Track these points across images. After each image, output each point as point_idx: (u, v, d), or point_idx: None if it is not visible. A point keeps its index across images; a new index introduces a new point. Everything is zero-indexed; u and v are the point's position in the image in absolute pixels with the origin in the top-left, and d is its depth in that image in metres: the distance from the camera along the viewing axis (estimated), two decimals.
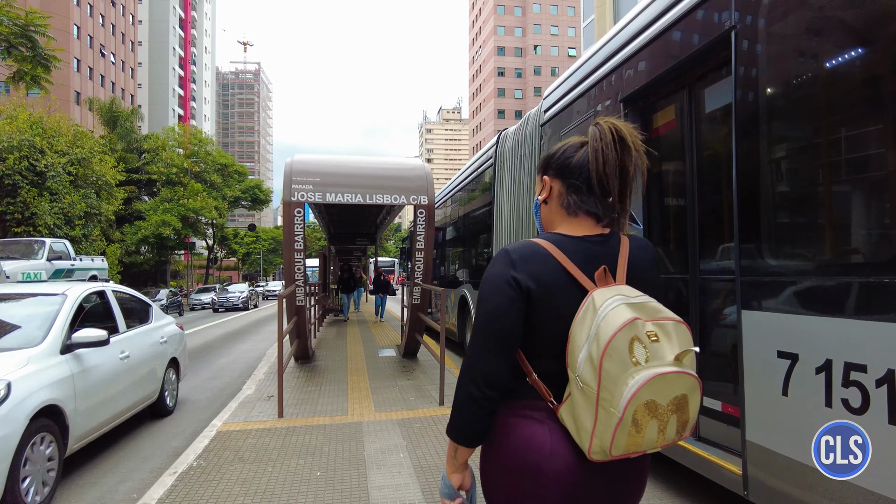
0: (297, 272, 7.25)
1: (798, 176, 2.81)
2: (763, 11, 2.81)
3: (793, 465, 2.56)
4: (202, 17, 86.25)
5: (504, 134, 7.38)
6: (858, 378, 2.25)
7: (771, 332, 2.69)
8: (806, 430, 2.45)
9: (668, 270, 3.99)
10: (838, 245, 2.57)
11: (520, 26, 78.18)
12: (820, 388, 2.40)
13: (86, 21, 45.34)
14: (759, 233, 2.82)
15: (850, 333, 2.30)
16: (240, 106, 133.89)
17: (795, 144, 2.82)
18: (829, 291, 2.46)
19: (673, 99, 3.87)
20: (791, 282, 2.66)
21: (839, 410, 2.31)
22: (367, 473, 4.03)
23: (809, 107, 2.69)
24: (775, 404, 2.66)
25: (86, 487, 4.21)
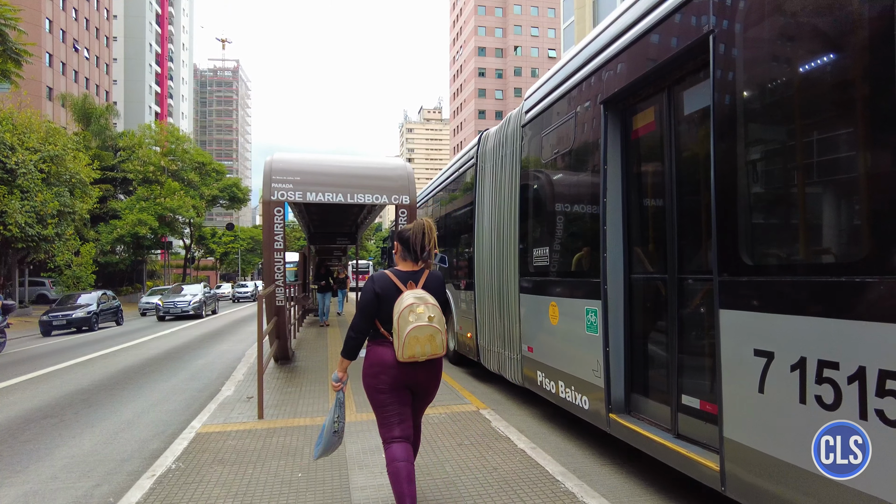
0: (276, 272, 7.19)
1: (773, 178, 2.87)
2: (740, 16, 2.87)
3: (769, 462, 2.62)
4: (179, 13, 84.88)
5: (485, 134, 7.37)
6: (831, 375, 2.32)
7: (747, 331, 2.76)
8: (781, 426, 2.55)
9: (647, 270, 4.05)
10: (811, 246, 2.63)
11: (500, 27, 78.47)
12: (794, 386, 2.47)
13: (58, 15, 44.32)
14: (735, 233, 2.87)
15: (823, 332, 2.37)
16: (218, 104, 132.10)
17: (771, 147, 2.88)
18: (803, 291, 2.52)
19: (652, 101, 3.91)
20: (767, 281, 2.72)
21: (812, 407, 2.38)
22: (348, 474, 4.02)
23: (784, 110, 2.75)
24: (752, 401, 2.72)
25: (60, 491, 4.13)
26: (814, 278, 2.49)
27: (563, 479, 3.87)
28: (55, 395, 7.57)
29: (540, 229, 5.52)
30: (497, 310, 6.48)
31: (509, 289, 6.10)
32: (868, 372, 2.17)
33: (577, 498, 3.56)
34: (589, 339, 4.38)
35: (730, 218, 2.89)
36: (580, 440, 5.07)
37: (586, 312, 4.43)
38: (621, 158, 4.20)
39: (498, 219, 6.44)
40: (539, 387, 5.48)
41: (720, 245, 2.93)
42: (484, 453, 4.43)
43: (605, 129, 4.20)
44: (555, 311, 5.06)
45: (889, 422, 2.08)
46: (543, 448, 4.64)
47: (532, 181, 5.72)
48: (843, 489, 2.25)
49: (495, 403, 6.47)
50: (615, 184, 4.18)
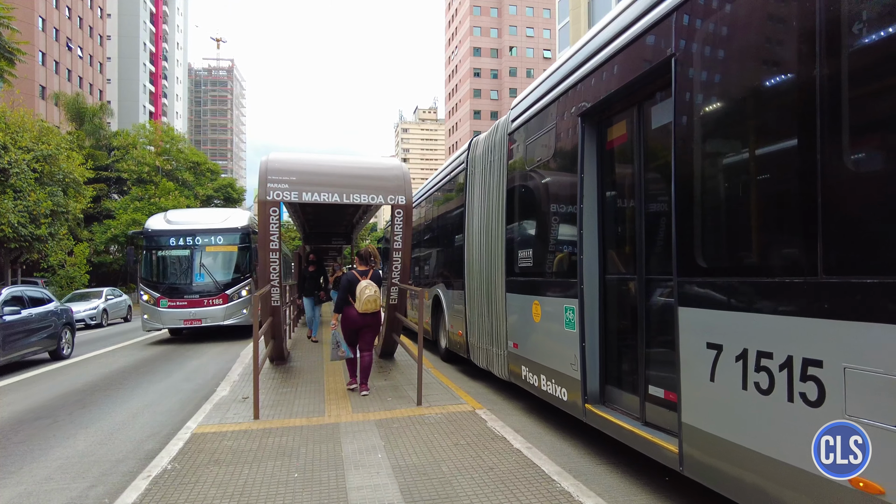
0: (272, 272, 7.18)
1: (723, 189, 3.18)
2: (699, 41, 3.19)
3: (720, 443, 2.97)
4: (174, 12, 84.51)
5: (475, 140, 7.66)
6: (766, 364, 2.67)
7: (701, 326, 3.11)
8: (729, 411, 2.91)
9: (619, 271, 4.40)
10: (754, 250, 2.95)
11: (496, 27, 78.54)
12: (739, 374, 2.83)
13: (51, 13, 44.07)
14: (691, 239, 3.22)
15: (760, 326, 2.72)
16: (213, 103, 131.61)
17: (721, 161, 3.20)
18: (746, 290, 2.86)
19: (624, 115, 4.24)
20: (717, 282, 3.06)
21: (752, 393, 2.74)
22: (345, 474, 4.02)
23: (732, 129, 3.12)
24: (705, 389, 3.08)
25: (55, 492, 4.11)
26: (754, 280, 2.85)
27: (559, 478, 3.88)
28: (49, 395, 7.53)
29: (524, 232, 5.92)
30: (486, 308, 6.77)
31: (496, 288, 6.40)
32: (794, 360, 2.53)
33: (573, 497, 3.57)
34: (567, 335, 4.71)
35: (686, 225, 3.24)
36: (576, 440, 5.09)
37: (565, 310, 4.77)
38: (597, 167, 4.55)
39: (486, 221, 6.75)
40: (523, 381, 5.79)
41: (679, 249, 3.27)
42: (480, 453, 4.44)
43: (583, 140, 4.55)
44: (537, 310, 5.39)
45: (810, 403, 2.42)
46: (539, 448, 4.65)
47: (517, 186, 6.06)
48: (777, 464, 2.60)
49: (491, 404, 6.49)
50: (591, 191, 4.54)
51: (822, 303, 2.40)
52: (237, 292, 13.37)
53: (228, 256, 13.77)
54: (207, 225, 13.90)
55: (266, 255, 7.15)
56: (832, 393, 2.34)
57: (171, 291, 13.13)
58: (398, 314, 8.10)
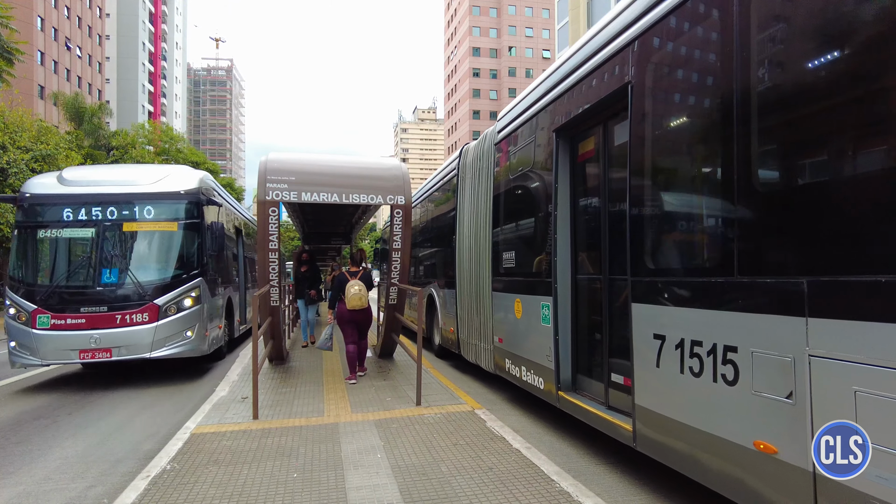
0: (271, 272, 7.17)
1: (665, 202, 3.69)
2: (650, 71, 3.70)
3: (664, 420, 3.47)
4: (173, 11, 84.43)
5: (466, 148, 8.13)
6: (698, 351, 3.16)
7: (649, 319, 3.62)
8: (671, 392, 3.41)
9: (588, 272, 4.89)
10: (687, 254, 3.49)
11: (495, 27, 78.54)
12: (677, 360, 3.31)
13: (50, 13, 44.02)
14: (642, 243, 3.72)
15: (693, 319, 3.22)
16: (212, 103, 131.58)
17: (664, 177, 3.73)
18: (682, 288, 3.37)
19: (592, 132, 4.76)
20: (661, 281, 3.55)
21: (688, 375, 3.22)
22: (344, 474, 4.02)
23: (675, 149, 3.61)
24: (652, 374, 3.58)
25: (54, 492, 4.11)
26: (687, 279, 3.36)
27: (558, 478, 3.89)
28: (47, 396, 7.51)
29: (508, 235, 6.40)
30: (474, 306, 7.24)
31: (484, 287, 6.87)
32: (717, 347, 3.01)
33: (573, 497, 3.58)
34: (544, 329, 5.23)
35: (637, 231, 3.76)
36: (575, 440, 5.10)
37: (541, 307, 5.28)
38: (569, 178, 5.08)
39: (475, 224, 7.21)
40: (507, 372, 6.29)
41: (632, 252, 3.79)
42: (479, 453, 4.44)
43: (557, 153, 5.08)
44: (519, 307, 5.91)
45: (728, 382, 2.93)
46: (538, 448, 4.66)
47: (502, 193, 6.54)
48: (706, 435, 3.07)
49: (490, 403, 6.49)
50: (564, 199, 5.07)
51: (737, 299, 2.91)
52: (176, 302, 7.95)
53: (162, 241, 8.24)
54: (127, 187, 8.26)
55: (265, 256, 7.14)
56: (744, 373, 2.85)
57: (57, 300, 7.64)
58: (397, 314, 8.10)
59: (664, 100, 3.65)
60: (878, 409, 2.20)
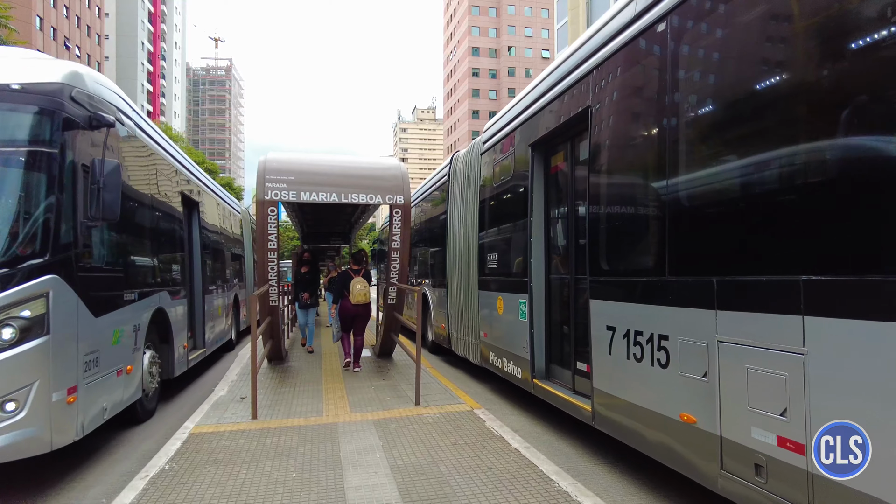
0: (270, 272, 7.16)
1: (613, 211, 4.26)
2: (606, 97, 4.27)
3: (615, 400, 4.05)
4: (172, 11, 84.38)
5: (456, 156, 8.73)
6: (640, 340, 3.72)
7: (603, 313, 4.21)
8: (620, 376, 3.98)
9: (559, 272, 5.46)
10: (632, 257, 4.05)
11: (494, 27, 78.54)
12: (624, 348, 3.88)
13: (49, 12, 43.98)
14: (597, 247, 4.32)
15: (636, 312, 3.79)
16: (211, 103, 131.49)
17: (612, 191, 4.28)
18: (628, 287, 3.96)
19: (561, 147, 5.36)
20: (612, 280, 4.17)
21: (633, 361, 3.79)
22: (343, 474, 4.02)
23: (620, 167, 4.21)
24: (606, 360, 4.15)
25: (51, 493, 4.09)
26: (632, 279, 3.94)
27: (557, 478, 3.89)
28: None
29: (492, 238, 6.99)
30: (463, 304, 7.80)
31: (471, 286, 7.41)
32: (654, 336, 3.57)
33: (572, 497, 3.57)
34: (521, 324, 5.79)
35: (594, 237, 4.37)
36: (574, 440, 5.10)
37: (519, 304, 5.85)
38: (543, 188, 5.66)
39: (464, 228, 7.77)
40: (491, 364, 6.85)
41: (590, 255, 4.40)
42: (478, 453, 4.44)
43: (533, 166, 5.69)
44: (501, 304, 6.49)
45: (662, 365, 3.49)
46: (537, 448, 4.66)
47: (487, 199, 7.16)
48: (648, 412, 3.65)
49: (489, 403, 6.49)
50: (539, 207, 5.65)
51: (667, 295, 3.47)
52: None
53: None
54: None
55: (264, 255, 7.13)
56: (673, 357, 3.40)
57: None
58: (396, 314, 8.09)
59: (616, 123, 4.23)
60: (759, 381, 2.80)
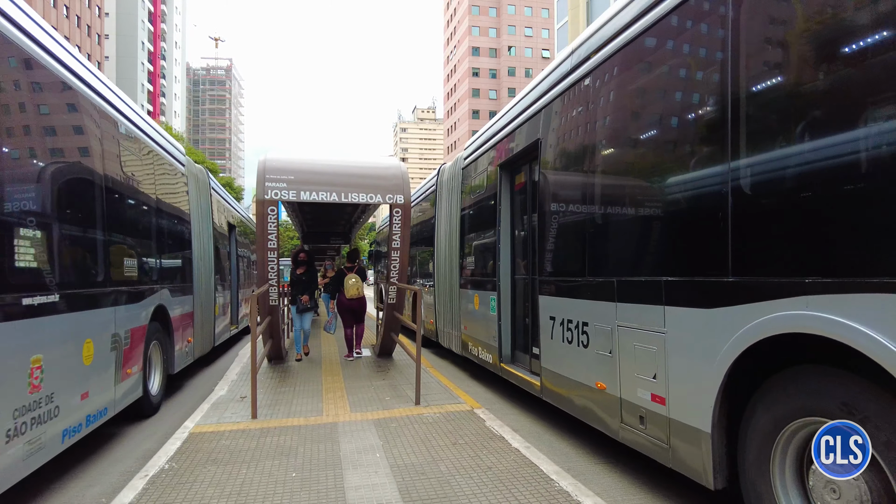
0: (270, 271, 7.16)
1: (552, 224, 5.18)
2: (552, 132, 5.28)
3: (555, 375, 5.09)
4: (172, 11, 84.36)
5: (443, 168, 9.73)
6: (570, 326, 4.71)
7: (547, 306, 5.24)
8: (558, 355, 5.01)
9: (522, 273, 6.44)
10: (564, 261, 5.11)
11: (494, 27, 78.51)
12: (561, 333, 4.90)
13: (48, 12, 43.92)
14: (543, 253, 5.34)
15: (569, 305, 4.80)
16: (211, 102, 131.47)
17: (552, 208, 5.20)
18: (562, 285, 5.00)
19: (522, 169, 6.34)
20: (552, 280, 5.19)
21: (566, 343, 4.78)
22: (342, 474, 4.02)
23: (557, 189, 5.22)
24: (549, 344, 5.18)
25: (51, 492, 4.09)
26: (565, 279, 5.00)
27: (557, 478, 3.88)
28: None
29: (470, 243, 8.06)
30: (448, 301, 8.74)
31: (454, 285, 8.37)
32: (580, 323, 4.54)
33: (572, 497, 3.57)
34: (492, 317, 6.80)
35: (541, 244, 5.36)
36: (574, 439, 5.09)
37: (490, 300, 6.86)
38: (509, 202, 6.69)
39: (448, 233, 8.69)
40: (469, 353, 7.85)
41: (538, 259, 5.50)
42: (478, 452, 4.43)
43: (500, 183, 6.70)
44: (476, 300, 7.46)
45: (584, 345, 4.47)
46: (538, 447, 4.65)
47: (466, 209, 8.18)
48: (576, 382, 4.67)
49: (490, 403, 6.48)
50: (506, 217, 6.68)
51: (588, 291, 4.47)
52: None
53: None
54: None
55: (264, 255, 7.13)
56: (591, 339, 4.38)
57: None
58: (396, 313, 8.09)
59: (555, 155, 5.24)
60: (641, 354, 3.72)
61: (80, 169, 4.73)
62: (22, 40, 3.80)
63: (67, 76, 4.43)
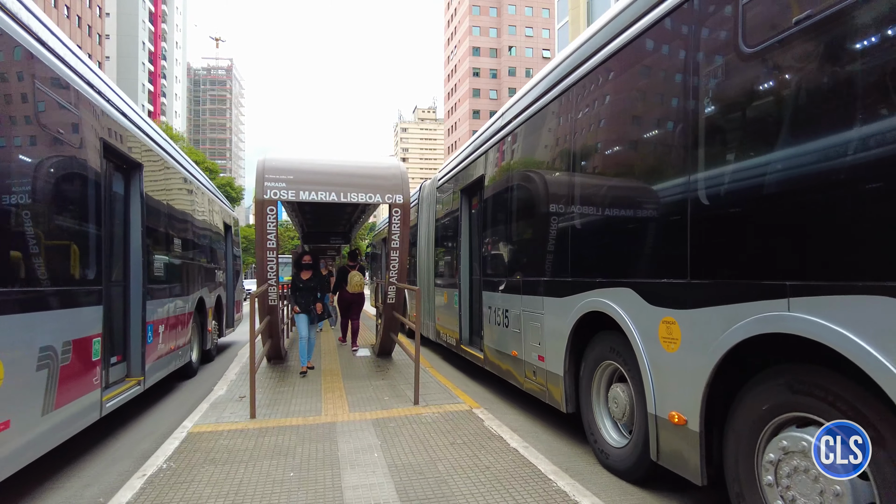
0: (269, 271, 7.15)
1: (489, 237, 7.00)
2: (489, 170, 7.04)
3: (492, 350, 6.71)
4: (173, 11, 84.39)
5: (424, 184, 11.37)
6: (499, 312, 6.36)
7: (486, 299, 6.92)
8: (492, 335, 6.72)
9: (477, 275, 7.86)
10: (496, 266, 6.71)
11: (495, 27, 78.48)
12: (493, 318, 6.62)
13: (49, 12, 43.94)
14: (484, 260, 7.22)
15: (499, 297, 6.44)
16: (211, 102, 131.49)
17: (489, 225, 7.03)
18: (496, 283, 6.57)
19: (476, 193, 7.84)
20: (488, 280, 6.91)
21: (497, 326, 6.45)
22: (340, 473, 4.01)
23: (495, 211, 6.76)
24: (487, 326, 6.89)
25: (49, 492, 4.09)
26: (498, 279, 6.52)
27: (555, 477, 3.88)
28: None
29: (440, 250, 9.87)
30: (426, 298, 10.49)
31: (430, 284, 10.18)
32: (504, 310, 6.36)
33: (569, 496, 3.56)
34: (455, 309, 8.49)
35: (483, 252, 7.26)
36: (573, 439, 5.09)
37: (454, 296, 8.53)
38: (468, 219, 8.32)
39: (427, 241, 10.47)
40: (441, 339, 9.55)
41: (481, 264, 7.38)
42: (476, 452, 4.43)
43: (461, 203, 8.39)
44: (445, 297, 9.22)
45: (506, 326, 6.20)
46: (536, 447, 4.65)
47: (438, 221, 9.98)
48: (503, 353, 6.37)
49: (488, 403, 6.48)
50: (465, 231, 8.31)
51: (506, 287, 6.19)
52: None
53: None
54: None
55: (263, 255, 7.11)
56: (511, 322, 6.02)
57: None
58: (395, 313, 8.08)
59: (490, 189, 7.02)
60: (533, 329, 5.47)
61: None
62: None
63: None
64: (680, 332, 3.31)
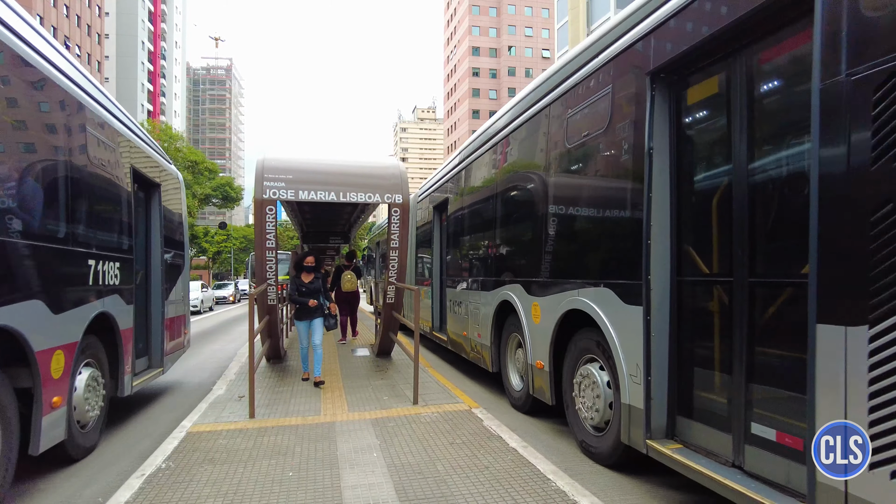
0: (268, 271, 7.15)
1: (448, 247, 9.44)
2: (450, 195, 9.16)
3: (451, 333, 8.89)
4: (172, 10, 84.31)
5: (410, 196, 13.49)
6: (457, 305, 8.50)
7: (450, 296, 9.08)
8: (453, 322, 8.76)
9: (447, 276, 9.47)
10: (457, 271, 8.77)
11: (494, 27, 78.46)
12: (454, 309, 8.74)
13: (49, 11, 43.95)
14: (447, 264, 9.64)
15: (458, 293, 8.48)
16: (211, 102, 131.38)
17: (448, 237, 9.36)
18: (455, 283, 8.76)
19: (444, 209, 9.59)
20: (448, 280, 9.30)
21: (454, 314, 8.72)
22: (339, 473, 4.01)
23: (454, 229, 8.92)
24: (449, 316, 9.08)
25: (47, 492, 4.09)
26: (454, 279, 8.83)
27: (554, 477, 3.88)
28: None
29: (420, 254, 11.83)
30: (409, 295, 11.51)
31: (412, 284, 11.34)
32: (458, 302, 8.41)
33: (568, 496, 3.57)
34: (430, 304, 10.31)
35: (446, 258, 9.66)
36: (572, 439, 5.08)
37: (430, 293, 10.31)
38: (439, 230, 9.97)
39: (415, 244, 11.98)
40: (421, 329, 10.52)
41: (446, 268, 9.69)
42: (476, 452, 4.43)
43: (434, 215, 10.17)
44: (423, 294, 10.69)
45: (460, 315, 8.31)
46: (535, 447, 4.65)
47: (419, 230, 11.77)
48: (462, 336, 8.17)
49: (487, 402, 6.48)
50: (437, 240, 10.05)
51: (462, 285, 8.23)
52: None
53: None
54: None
55: (262, 254, 7.11)
56: (466, 311, 7.95)
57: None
58: (395, 313, 8.08)
59: (450, 210, 9.06)
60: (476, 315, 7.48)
61: None
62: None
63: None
64: (540, 310, 5.34)
